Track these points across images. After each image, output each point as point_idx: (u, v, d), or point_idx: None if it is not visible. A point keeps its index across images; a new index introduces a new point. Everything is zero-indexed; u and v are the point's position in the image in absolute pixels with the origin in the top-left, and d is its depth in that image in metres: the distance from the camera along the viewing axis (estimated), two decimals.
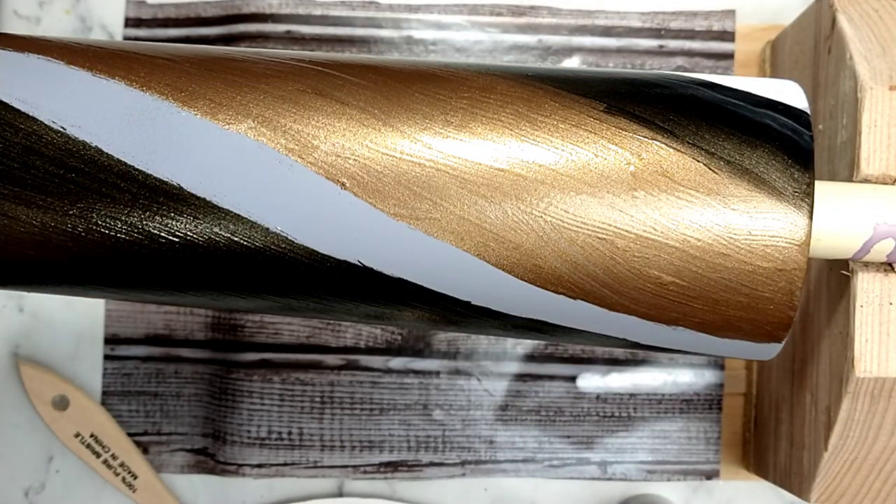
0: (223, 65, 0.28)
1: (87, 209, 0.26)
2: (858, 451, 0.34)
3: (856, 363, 0.30)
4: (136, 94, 0.27)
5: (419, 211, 0.26)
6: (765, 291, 0.27)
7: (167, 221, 0.27)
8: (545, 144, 0.27)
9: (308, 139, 0.26)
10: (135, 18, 0.48)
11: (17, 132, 0.27)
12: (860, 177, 0.31)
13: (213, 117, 0.27)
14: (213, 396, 0.46)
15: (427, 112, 0.27)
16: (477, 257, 0.26)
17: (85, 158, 0.26)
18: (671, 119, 0.27)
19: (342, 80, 0.27)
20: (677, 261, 0.26)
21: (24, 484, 0.47)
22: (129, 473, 0.46)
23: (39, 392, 0.45)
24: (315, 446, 0.46)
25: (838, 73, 0.34)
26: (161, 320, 0.47)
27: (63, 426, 0.45)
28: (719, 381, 0.46)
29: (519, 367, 0.46)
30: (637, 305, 0.27)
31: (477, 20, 0.47)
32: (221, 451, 0.46)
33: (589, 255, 0.26)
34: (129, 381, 0.47)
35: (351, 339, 0.46)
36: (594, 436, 0.46)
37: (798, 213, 0.26)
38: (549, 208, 0.26)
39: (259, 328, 0.46)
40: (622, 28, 0.47)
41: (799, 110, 0.28)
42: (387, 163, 0.26)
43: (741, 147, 0.27)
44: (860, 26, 0.34)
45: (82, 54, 0.28)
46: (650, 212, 0.26)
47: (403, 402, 0.46)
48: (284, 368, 0.46)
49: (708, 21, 0.47)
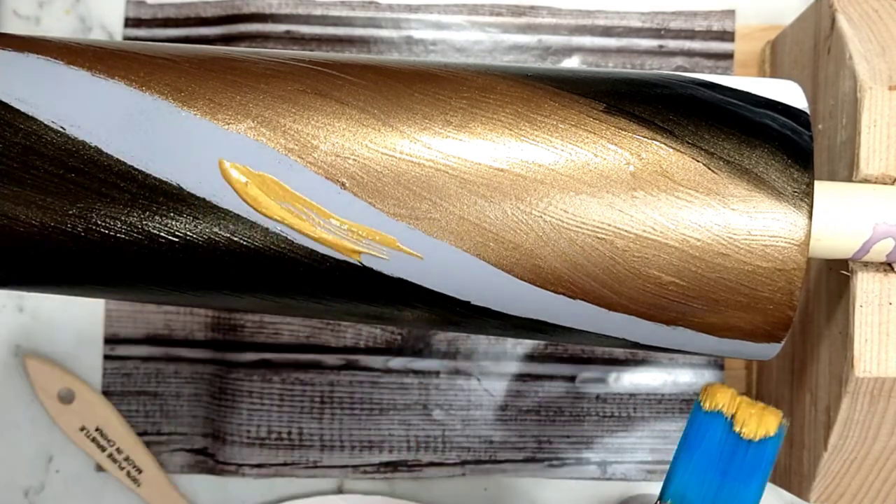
0: (223, 65, 0.28)
1: (86, 209, 0.27)
2: (858, 451, 0.34)
3: (855, 363, 0.30)
4: (136, 93, 0.27)
5: (419, 211, 0.26)
6: (764, 291, 0.27)
7: (167, 221, 0.27)
8: (545, 144, 0.27)
9: (308, 139, 0.26)
10: (135, 18, 0.48)
11: (16, 132, 0.27)
12: (860, 177, 0.31)
13: (212, 117, 0.27)
14: (213, 396, 0.46)
15: (427, 112, 0.27)
16: (476, 257, 0.26)
17: (84, 158, 0.26)
18: (671, 119, 0.27)
19: (342, 80, 0.27)
20: (677, 261, 0.26)
21: (24, 484, 0.47)
22: (133, 468, 0.46)
23: (45, 385, 0.45)
24: (315, 446, 0.46)
25: (838, 72, 0.34)
26: (161, 320, 0.47)
27: (68, 420, 0.45)
28: (719, 381, 0.46)
29: (519, 367, 0.46)
30: (637, 305, 0.27)
31: (477, 20, 0.47)
32: (221, 451, 0.46)
33: (588, 255, 0.26)
34: (129, 381, 0.47)
35: (351, 339, 0.46)
36: (594, 436, 0.46)
37: (797, 213, 0.26)
38: (548, 208, 0.26)
39: (259, 328, 0.46)
40: (622, 28, 0.47)
41: (798, 110, 0.28)
42: (386, 163, 0.26)
43: (741, 147, 0.27)
44: (860, 26, 0.34)
45: (82, 54, 0.28)
46: (650, 212, 0.26)
47: (403, 401, 0.46)
48: (284, 368, 0.46)
49: (708, 21, 0.47)
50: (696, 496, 0.26)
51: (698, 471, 0.26)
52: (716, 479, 0.26)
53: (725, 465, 0.26)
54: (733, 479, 0.26)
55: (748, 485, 0.26)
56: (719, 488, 0.26)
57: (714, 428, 0.27)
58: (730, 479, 0.26)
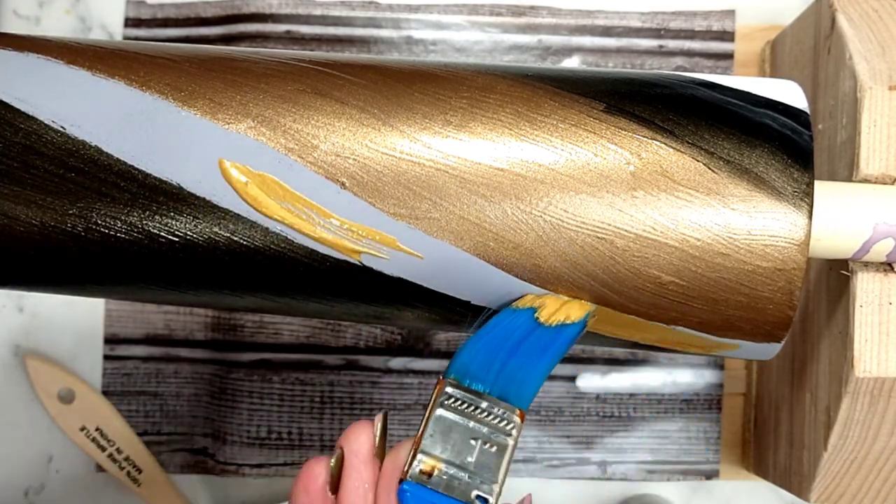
0: (223, 65, 0.28)
1: (86, 209, 0.27)
2: (858, 451, 0.34)
3: (855, 363, 0.30)
4: (136, 93, 0.27)
5: (419, 210, 0.26)
6: (764, 291, 0.27)
7: (167, 221, 0.27)
8: (545, 144, 0.27)
9: (308, 139, 0.26)
10: (135, 18, 0.48)
11: (16, 132, 0.27)
12: (860, 177, 0.31)
13: (212, 117, 0.27)
14: (213, 396, 0.46)
15: (427, 112, 0.27)
16: (477, 257, 0.26)
17: (84, 158, 0.26)
18: (671, 119, 0.27)
19: (342, 80, 0.27)
20: (677, 260, 0.26)
21: (24, 484, 0.47)
22: (133, 468, 0.46)
23: (45, 385, 0.45)
24: (315, 446, 0.46)
25: (838, 72, 0.34)
26: (161, 320, 0.47)
27: (68, 420, 0.45)
28: (719, 381, 0.46)
29: None
30: (636, 305, 0.27)
31: (477, 20, 0.47)
32: (221, 451, 0.46)
33: (588, 255, 0.26)
34: (129, 381, 0.47)
35: (351, 339, 0.46)
36: (594, 436, 0.46)
37: (797, 213, 0.26)
38: (548, 208, 0.26)
39: (259, 328, 0.46)
40: (622, 28, 0.47)
41: (798, 110, 0.28)
42: (386, 162, 0.26)
43: (741, 147, 0.27)
44: (860, 26, 0.34)
45: (82, 54, 0.28)
46: (650, 211, 0.26)
47: (403, 402, 0.46)
48: (284, 368, 0.46)
49: (708, 21, 0.47)
50: (480, 371, 0.25)
51: (487, 349, 0.26)
52: (502, 357, 0.26)
53: (515, 346, 0.26)
54: (521, 357, 0.26)
55: (534, 364, 0.26)
56: (504, 365, 0.25)
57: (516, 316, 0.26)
58: (517, 357, 0.26)
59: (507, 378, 0.25)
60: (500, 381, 0.25)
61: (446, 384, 0.25)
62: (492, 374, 0.25)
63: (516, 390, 0.25)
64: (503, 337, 0.26)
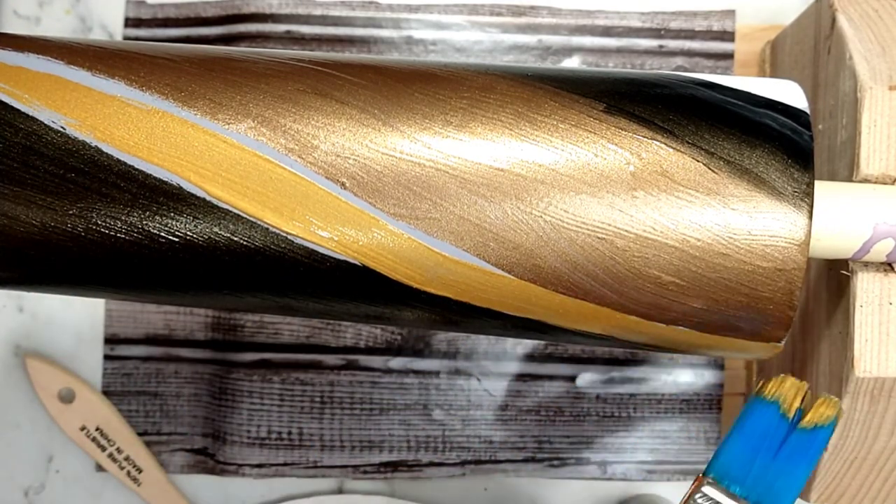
0: (223, 65, 0.28)
1: (87, 209, 0.27)
2: (858, 451, 0.34)
3: (855, 363, 0.30)
4: (136, 93, 0.27)
5: (419, 211, 0.26)
6: (764, 291, 0.27)
7: (167, 221, 0.27)
8: (545, 144, 0.27)
9: (308, 139, 0.26)
10: (135, 18, 0.48)
11: (16, 132, 0.27)
12: (860, 177, 0.31)
13: (212, 117, 0.27)
14: (213, 396, 0.46)
15: (427, 112, 0.27)
16: (477, 257, 0.26)
17: (85, 158, 0.26)
18: (671, 119, 0.27)
19: (342, 80, 0.27)
20: (677, 260, 0.26)
21: (24, 484, 0.47)
22: (133, 467, 0.46)
23: (45, 385, 0.45)
24: (315, 446, 0.46)
25: (838, 72, 0.34)
26: (161, 320, 0.47)
27: (69, 419, 0.45)
28: (719, 381, 0.46)
29: (519, 367, 0.46)
30: (637, 305, 0.27)
31: (477, 20, 0.47)
32: (221, 451, 0.46)
33: (588, 255, 0.26)
34: (129, 381, 0.47)
35: (351, 339, 0.46)
36: (594, 436, 0.46)
37: (798, 213, 0.26)
38: (548, 208, 0.26)
39: (259, 328, 0.46)
40: (622, 28, 0.47)
41: (798, 110, 0.28)
42: (386, 163, 0.26)
43: (741, 147, 0.27)
44: (860, 26, 0.34)
45: (82, 54, 0.28)
46: (650, 211, 0.26)
47: (403, 402, 0.46)
48: (284, 368, 0.46)
49: (708, 21, 0.47)
50: (740, 474, 0.26)
51: (745, 451, 0.26)
52: (762, 461, 0.26)
53: (774, 449, 0.26)
54: (781, 462, 0.26)
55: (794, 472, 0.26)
56: (765, 470, 0.26)
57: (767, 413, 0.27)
58: (777, 463, 0.26)
59: (767, 484, 0.26)
60: (759, 486, 0.26)
61: (704, 482, 0.26)
62: (751, 479, 0.26)
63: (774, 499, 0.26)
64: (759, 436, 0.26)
